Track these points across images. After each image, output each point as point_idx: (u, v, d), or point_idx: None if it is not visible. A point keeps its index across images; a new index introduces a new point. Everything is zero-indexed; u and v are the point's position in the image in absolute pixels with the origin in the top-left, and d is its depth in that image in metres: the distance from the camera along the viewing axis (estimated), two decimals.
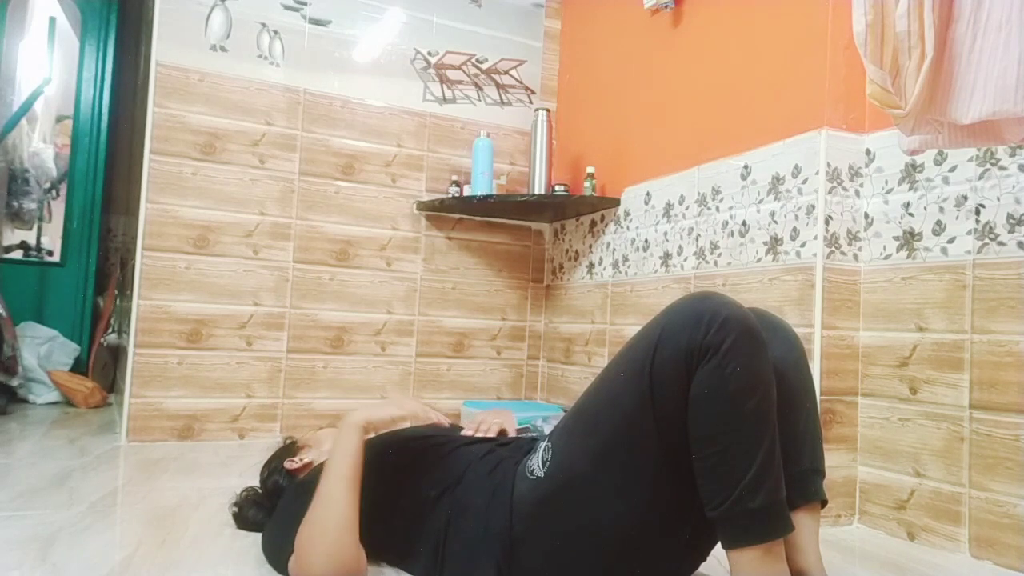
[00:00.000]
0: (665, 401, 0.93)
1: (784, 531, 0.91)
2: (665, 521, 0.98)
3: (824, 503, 1.12)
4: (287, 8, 2.57)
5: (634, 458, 0.96)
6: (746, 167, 1.92)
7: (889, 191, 1.68)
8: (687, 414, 0.92)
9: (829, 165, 1.70)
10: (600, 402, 1.02)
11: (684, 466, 0.93)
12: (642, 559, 0.99)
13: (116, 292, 3.56)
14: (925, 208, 1.60)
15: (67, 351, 3.29)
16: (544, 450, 1.05)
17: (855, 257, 1.73)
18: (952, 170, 1.55)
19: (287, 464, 1.36)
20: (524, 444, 1.19)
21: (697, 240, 2.09)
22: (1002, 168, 1.45)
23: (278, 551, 1.13)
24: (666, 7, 2.26)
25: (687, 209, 2.15)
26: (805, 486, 1.08)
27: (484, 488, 1.09)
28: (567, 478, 1.00)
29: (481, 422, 1.39)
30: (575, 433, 1.04)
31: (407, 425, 1.20)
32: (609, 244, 2.54)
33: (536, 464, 1.05)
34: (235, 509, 1.42)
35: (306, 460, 1.35)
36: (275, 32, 2.54)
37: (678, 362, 0.91)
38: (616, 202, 2.49)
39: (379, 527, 1.13)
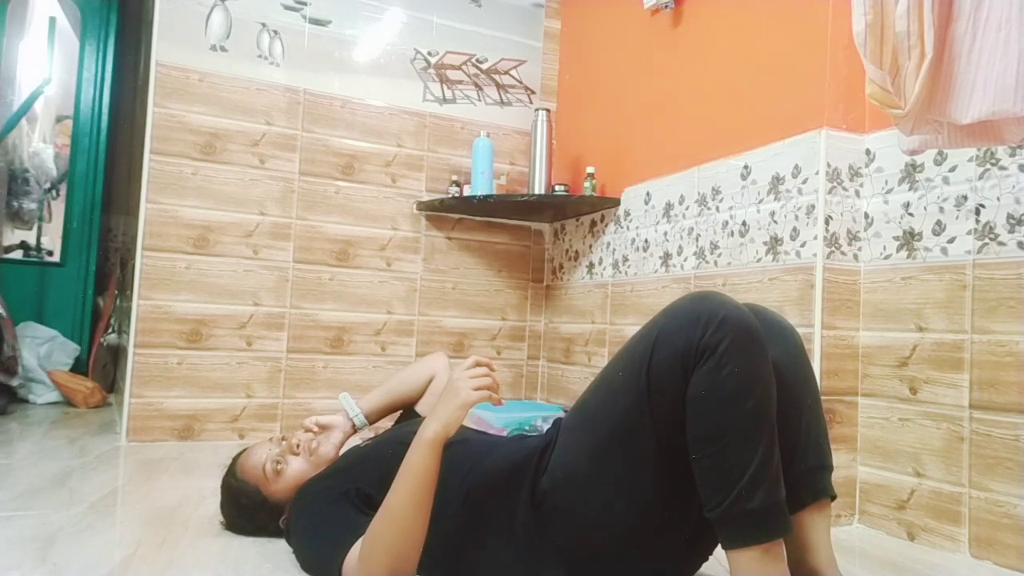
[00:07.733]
0: (662, 402, 0.93)
1: (782, 532, 0.91)
2: (665, 520, 0.98)
3: (833, 497, 1.10)
4: (287, 8, 2.56)
5: (631, 457, 0.96)
6: (746, 167, 1.92)
7: (889, 191, 1.68)
8: (685, 414, 0.92)
9: (829, 165, 1.70)
10: (598, 401, 1.02)
11: (683, 466, 0.93)
12: (642, 557, 0.99)
13: (116, 292, 3.56)
14: (925, 208, 1.60)
15: (67, 351, 3.29)
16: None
17: (855, 257, 1.72)
18: (952, 170, 1.55)
19: None
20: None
21: (697, 240, 2.09)
22: (1002, 168, 1.45)
23: (328, 562, 1.06)
24: (666, 7, 2.25)
25: (687, 209, 2.14)
26: (812, 483, 1.07)
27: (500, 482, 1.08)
28: (566, 475, 1.00)
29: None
30: (575, 431, 1.04)
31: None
32: (609, 244, 2.54)
33: None
34: None
35: None
36: (275, 32, 2.54)
37: (675, 363, 0.91)
38: (616, 202, 2.48)
39: None
